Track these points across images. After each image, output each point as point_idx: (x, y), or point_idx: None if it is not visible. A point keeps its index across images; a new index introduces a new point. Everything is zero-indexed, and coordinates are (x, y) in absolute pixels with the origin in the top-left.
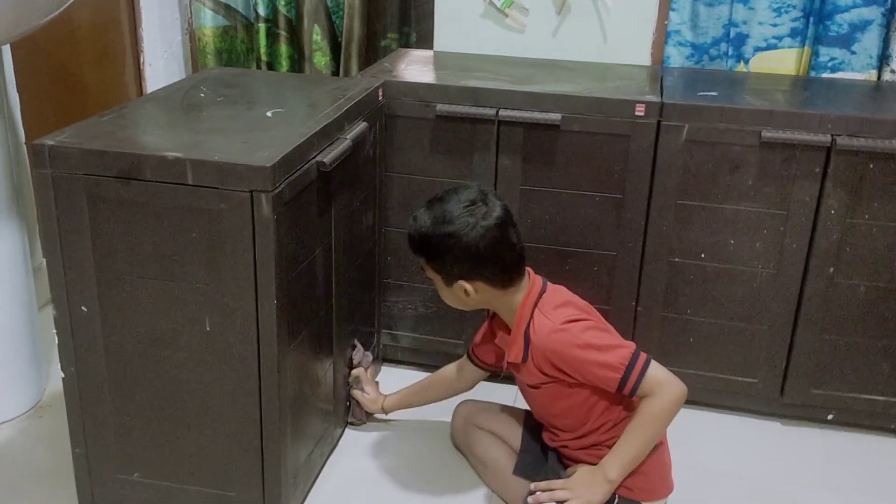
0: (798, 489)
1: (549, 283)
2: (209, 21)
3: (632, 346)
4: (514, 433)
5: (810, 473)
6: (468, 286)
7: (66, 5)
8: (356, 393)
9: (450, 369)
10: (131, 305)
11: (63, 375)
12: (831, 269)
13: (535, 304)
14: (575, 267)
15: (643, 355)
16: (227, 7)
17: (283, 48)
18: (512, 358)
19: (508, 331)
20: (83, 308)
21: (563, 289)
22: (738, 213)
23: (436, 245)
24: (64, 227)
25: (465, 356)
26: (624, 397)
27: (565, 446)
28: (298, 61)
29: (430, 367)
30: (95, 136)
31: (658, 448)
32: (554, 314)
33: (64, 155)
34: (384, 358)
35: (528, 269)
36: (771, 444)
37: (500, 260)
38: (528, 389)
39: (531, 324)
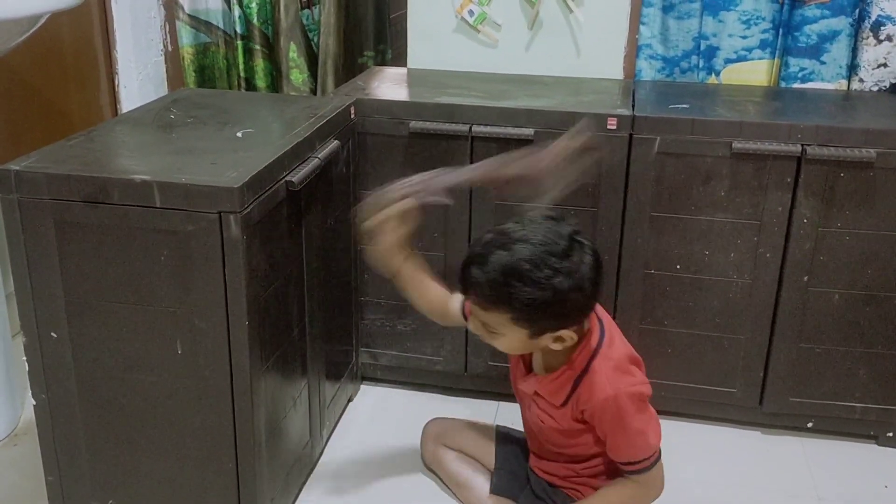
0: (780, 498)
1: (604, 324)
2: (191, 39)
3: (659, 435)
4: (487, 451)
5: (792, 482)
6: (573, 334)
7: (35, 29)
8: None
9: (443, 297)
10: (102, 330)
11: (34, 402)
12: (805, 278)
13: (593, 355)
14: None
15: (659, 450)
16: (207, 24)
17: (261, 64)
18: (549, 397)
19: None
20: (53, 334)
21: (618, 337)
22: (712, 223)
23: (550, 302)
24: (31, 252)
25: (460, 304)
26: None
27: (551, 474)
28: (276, 78)
29: (411, 384)
30: (62, 160)
31: None
32: (615, 377)
33: (30, 180)
34: (363, 377)
35: None
36: (751, 453)
37: (593, 304)
38: (538, 416)
39: (586, 375)
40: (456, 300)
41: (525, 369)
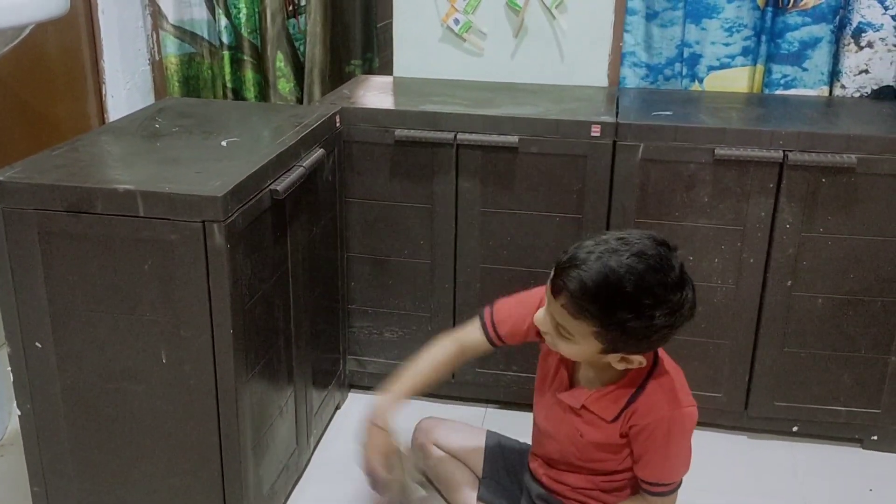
0: (765, 502)
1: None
2: (175, 49)
3: (690, 464)
4: (476, 457)
5: (777, 486)
6: (643, 360)
7: (20, 39)
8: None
9: (453, 353)
10: (86, 340)
11: (19, 413)
12: (789, 283)
13: (650, 373)
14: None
15: (681, 481)
16: (192, 34)
17: (250, 74)
18: (600, 412)
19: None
20: (37, 344)
21: (668, 358)
22: (696, 229)
23: (643, 332)
24: (16, 262)
25: (478, 328)
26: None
27: (563, 483)
28: (264, 87)
29: None
30: (46, 171)
31: None
32: (673, 397)
33: (14, 190)
34: (351, 384)
35: None
36: (738, 457)
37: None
38: (577, 429)
39: (642, 393)
40: (468, 337)
41: (568, 382)
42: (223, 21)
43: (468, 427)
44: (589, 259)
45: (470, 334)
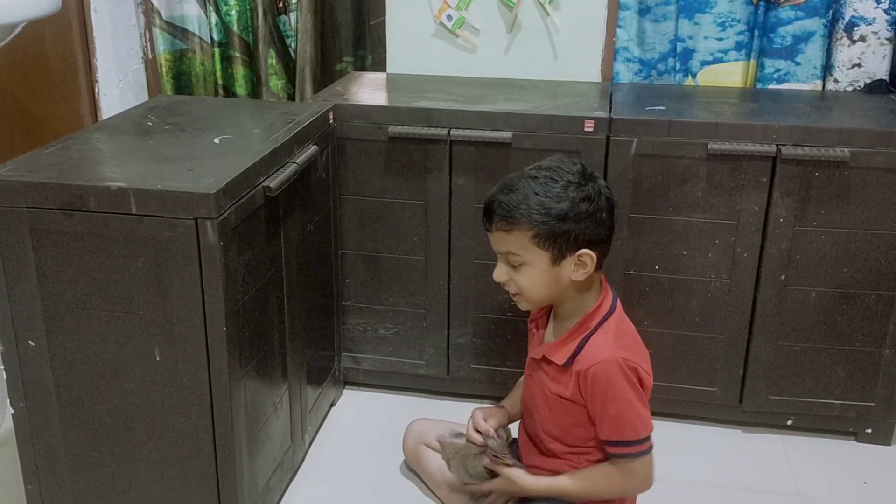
0: (760, 495)
1: (617, 299)
2: (167, 46)
3: (649, 425)
4: None
5: (772, 479)
6: (592, 254)
7: (11, 37)
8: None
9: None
10: (79, 338)
11: (13, 411)
12: (782, 277)
13: (605, 318)
14: None
15: (650, 443)
16: (184, 30)
17: (241, 71)
18: (556, 360)
19: (546, 324)
20: (31, 342)
21: (628, 321)
22: (690, 224)
23: (567, 213)
24: (8, 260)
25: None
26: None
27: (554, 472)
28: (256, 85)
29: (393, 388)
30: (38, 169)
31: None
32: (615, 344)
33: (6, 188)
34: (346, 381)
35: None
36: (732, 451)
37: (608, 231)
38: (544, 386)
39: (592, 336)
40: None
41: (539, 340)
42: (213, 17)
43: (458, 427)
44: (506, 182)
45: None
